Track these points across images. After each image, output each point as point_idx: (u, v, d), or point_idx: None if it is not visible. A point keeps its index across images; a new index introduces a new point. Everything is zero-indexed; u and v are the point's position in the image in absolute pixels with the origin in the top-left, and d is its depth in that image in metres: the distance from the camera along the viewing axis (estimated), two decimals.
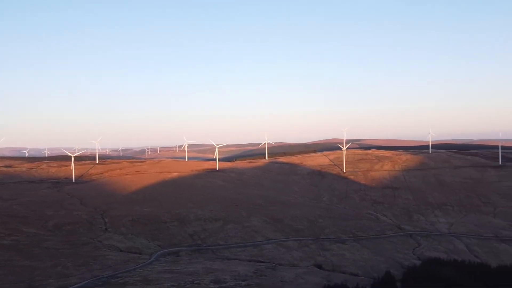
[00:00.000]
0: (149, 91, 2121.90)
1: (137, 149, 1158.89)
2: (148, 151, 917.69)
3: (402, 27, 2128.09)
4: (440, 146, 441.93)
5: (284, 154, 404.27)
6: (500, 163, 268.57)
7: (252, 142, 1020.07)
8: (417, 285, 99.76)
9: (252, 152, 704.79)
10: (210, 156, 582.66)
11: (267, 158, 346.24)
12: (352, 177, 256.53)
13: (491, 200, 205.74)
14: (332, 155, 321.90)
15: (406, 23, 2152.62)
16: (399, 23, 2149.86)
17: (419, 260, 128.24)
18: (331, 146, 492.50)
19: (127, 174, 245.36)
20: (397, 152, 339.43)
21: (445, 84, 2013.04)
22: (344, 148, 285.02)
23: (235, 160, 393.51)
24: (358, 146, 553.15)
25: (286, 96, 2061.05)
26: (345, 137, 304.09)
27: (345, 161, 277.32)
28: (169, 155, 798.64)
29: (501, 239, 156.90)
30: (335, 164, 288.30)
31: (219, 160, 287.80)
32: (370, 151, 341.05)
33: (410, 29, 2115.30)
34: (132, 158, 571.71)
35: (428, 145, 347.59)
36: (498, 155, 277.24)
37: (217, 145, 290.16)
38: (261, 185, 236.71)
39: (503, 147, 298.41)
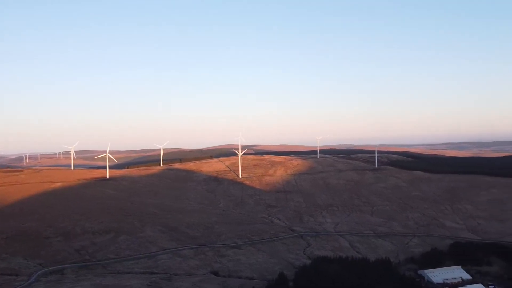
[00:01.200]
0: (26, 93, 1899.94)
1: (13, 157, 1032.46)
2: (26, 159, 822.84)
3: (283, 37, 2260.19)
4: (327, 151, 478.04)
5: (180, 160, 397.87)
6: (376, 166, 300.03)
7: (145, 148, 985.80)
8: (307, 284, 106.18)
9: (146, 159, 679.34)
10: (100, 163, 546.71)
11: (162, 165, 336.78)
12: (247, 182, 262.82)
13: (369, 200, 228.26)
14: (228, 160, 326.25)
15: (285, 28, 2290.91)
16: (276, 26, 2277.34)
17: (309, 259, 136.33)
18: (227, 152, 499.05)
19: (0, 186, 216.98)
20: (289, 157, 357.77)
21: (332, 95, 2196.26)
22: (240, 154, 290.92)
23: (128, 168, 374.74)
24: (253, 152, 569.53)
25: (181, 101, 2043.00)
26: (241, 142, 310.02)
27: (241, 167, 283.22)
28: (52, 162, 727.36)
29: (378, 235, 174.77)
30: (231, 170, 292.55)
31: (110, 168, 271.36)
32: (265, 157, 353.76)
33: (294, 38, 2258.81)
34: (7, 167, 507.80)
35: (317, 150, 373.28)
36: (375, 159, 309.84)
37: (107, 151, 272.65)
38: (156, 193, 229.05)
39: (379, 152, 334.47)
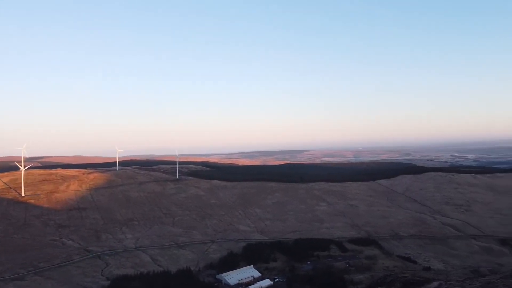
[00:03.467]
0: None
1: None
2: None
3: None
4: (127, 163, 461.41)
5: None
6: (177, 177, 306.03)
7: None
8: None
9: None
10: None
11: None
12: (33, 201, 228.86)
13: (171, 211, 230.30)
14: (8, 176, 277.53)
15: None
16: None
17: (108, 281, 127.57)
18: (6, 166, 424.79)
19: None
20: (84, 170, 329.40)
21: (129, 105, 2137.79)
22: (23, 169, 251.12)
23: None
24: (41, 165, 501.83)
25: None
26: (24, 154, 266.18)
27: (24, 183, 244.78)
28: None
29: (179, 245, 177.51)
30: (11, 188, 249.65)
31: None
32: (55, 171, 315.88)
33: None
34: None
35: (116, 162, 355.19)
36: (176, 170, 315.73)
37: None
38: None
39: (180, 162, 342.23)
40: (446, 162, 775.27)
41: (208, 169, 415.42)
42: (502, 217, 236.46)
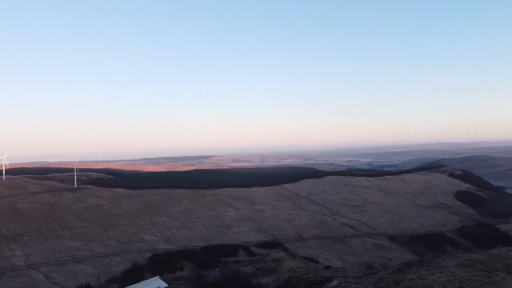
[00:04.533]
0: None
1: None
2: None
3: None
4: (16, 171, 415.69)
5: None
6: (75, 185, 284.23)
7: None
8: None
9: None
10: None
11: None
12: None
13: (68, 223, 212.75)
14: None
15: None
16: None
17: None
18: None
19: None
20: None
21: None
22: None
23: None
24: None
25: None
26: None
27: None
28: None
29: (77, 260, 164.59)
30: None
31: None
32: None
33: None
34: None
35: (2, 170, 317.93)
36: (74, 178, 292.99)
37: None
38: None
39: (79, 170, 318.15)
40: (344, 166, 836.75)
41: (111, 176, 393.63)
42: (390, 215, 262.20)
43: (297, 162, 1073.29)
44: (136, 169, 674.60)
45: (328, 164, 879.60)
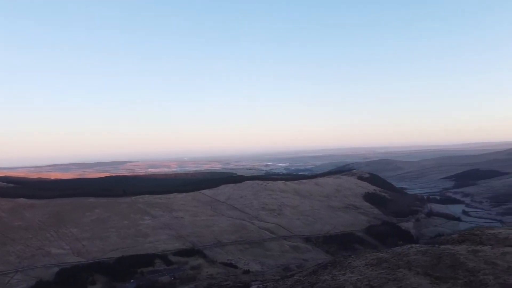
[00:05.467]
0: None
1: None
2: None
3: None
4: None
5: None
6: None
7: None
8: None
9: None
10: None
11: None
12: None
13: None
14: None
15: None
16: None
17: None
18: None
19: None
20: None
21: None
22: None
23: None
24: None
25: None
26: None
27: None
28: None
29: None
30: None
31: None
32: None
33: None
34: None
35: None
36: None
37: None
38: None
39: None
40: (262, 170, 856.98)
41: (11, 185, 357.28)
42: (306, 217, 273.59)
43: (217, 167, 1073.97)
44: (42, 176, 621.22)
45: (247, 168, 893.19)
